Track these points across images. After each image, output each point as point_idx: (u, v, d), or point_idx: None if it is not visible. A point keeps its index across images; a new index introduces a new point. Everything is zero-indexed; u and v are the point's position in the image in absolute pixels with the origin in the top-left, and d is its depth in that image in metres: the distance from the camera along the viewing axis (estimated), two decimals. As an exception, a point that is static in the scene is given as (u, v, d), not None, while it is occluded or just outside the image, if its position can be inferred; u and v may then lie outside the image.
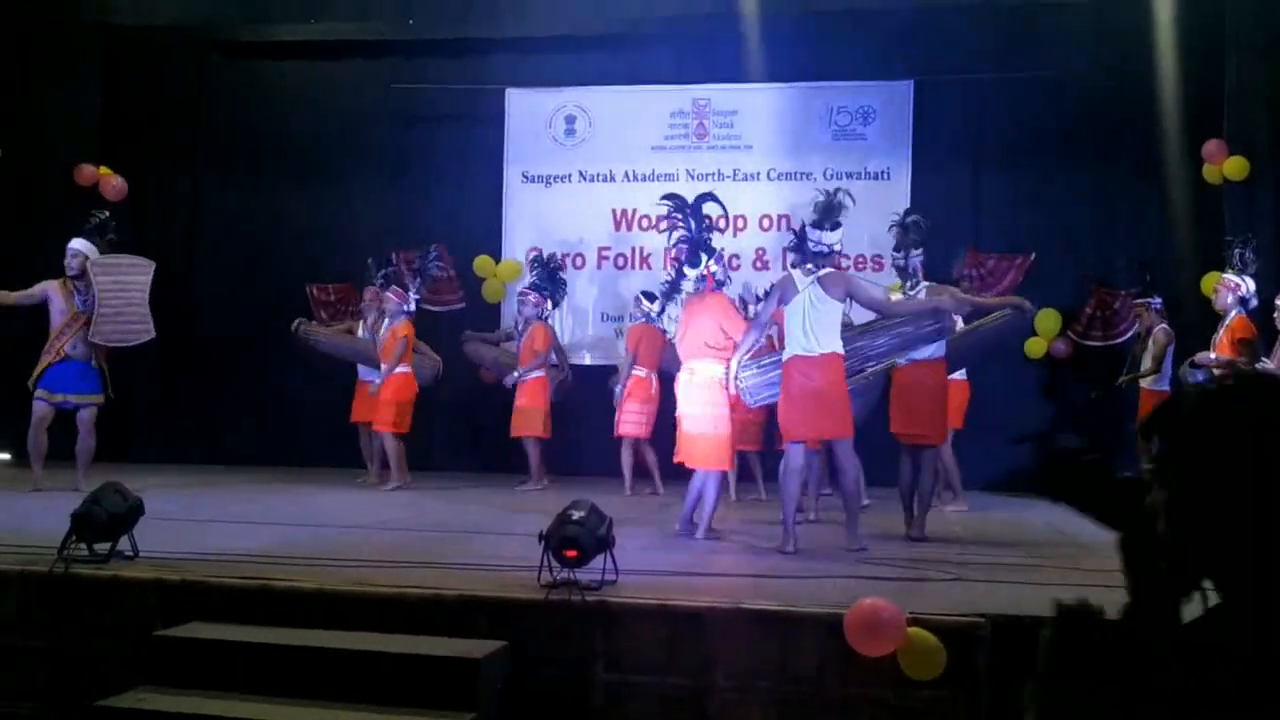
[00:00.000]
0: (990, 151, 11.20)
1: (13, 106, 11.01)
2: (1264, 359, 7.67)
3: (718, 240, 7.97)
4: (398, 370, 9.80)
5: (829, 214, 7.05)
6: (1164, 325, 9.62)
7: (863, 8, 10.34)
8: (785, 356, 6.98)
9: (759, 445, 9.59)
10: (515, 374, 10.15)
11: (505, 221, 11.94)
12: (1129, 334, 10.36)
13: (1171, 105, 9.86)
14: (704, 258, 7.51)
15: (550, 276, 10.69)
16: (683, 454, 7.50)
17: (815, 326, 6.83)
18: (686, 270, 7.60)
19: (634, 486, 9.87)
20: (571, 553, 5.32)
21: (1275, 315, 7.87)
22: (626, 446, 9.91)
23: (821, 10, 10.43)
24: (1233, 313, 8.22)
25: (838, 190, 7.18)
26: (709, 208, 7.73)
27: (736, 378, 7.21)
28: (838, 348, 6.91)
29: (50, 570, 5.59)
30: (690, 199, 7.74)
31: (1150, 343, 9.56)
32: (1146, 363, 9.52)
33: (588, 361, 11.51)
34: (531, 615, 5.24)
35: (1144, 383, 9.54)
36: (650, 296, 10.10)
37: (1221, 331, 8.24)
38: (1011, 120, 11.12)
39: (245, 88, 12.39)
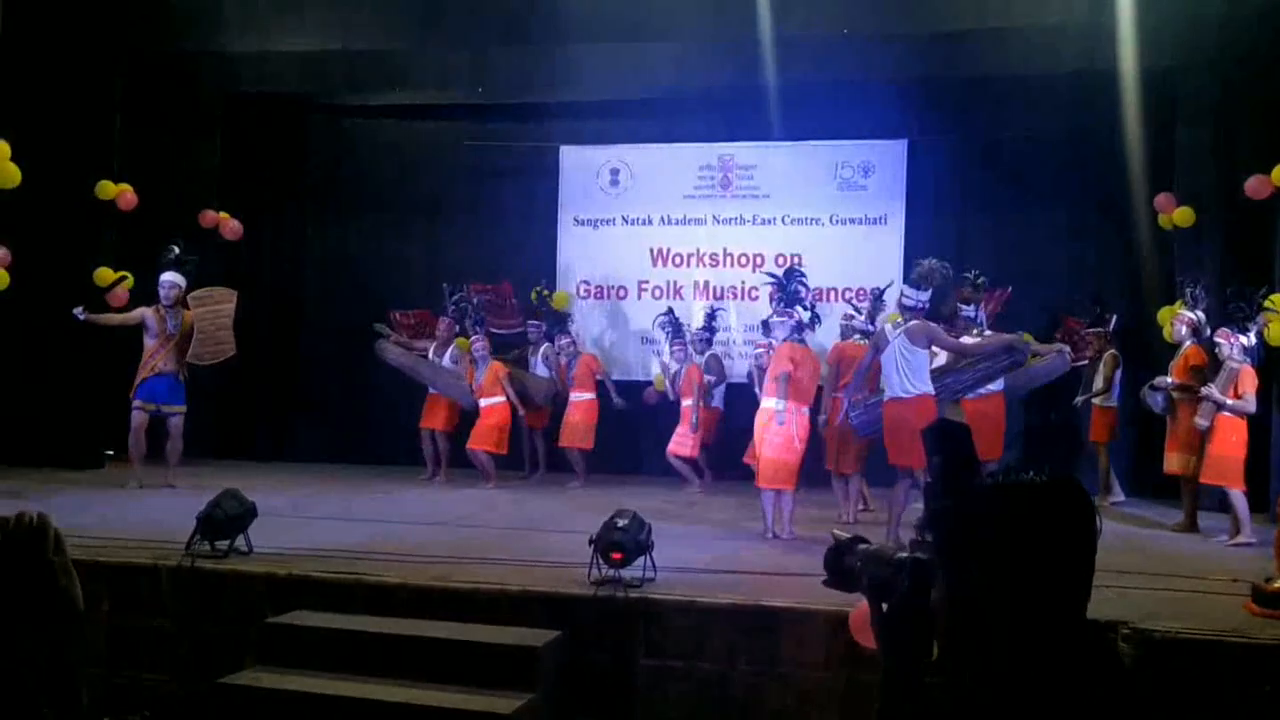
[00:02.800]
0: (974, 200, 11.07)
1: (147, 159, 11.07)
2: (1210, 385, 7.52)
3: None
4: (497, 401, 9.90)
5: (926, 279, 7.06)
6: (1113, 350, 9.52)
7: (865, 78, 10.24)
8: (885, 398, 7.02)
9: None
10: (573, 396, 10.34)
11: (559, 258, 11.90)
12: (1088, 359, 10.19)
13: (1131, 163, 9.71)
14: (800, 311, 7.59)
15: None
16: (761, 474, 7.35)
17: (907, 372, 6.88)
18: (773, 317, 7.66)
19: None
20: (617, 555, 5.32)
21: (1216, 349, 7.72)
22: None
23: (830, 79, 10.33)
24: (1187, 343, 8.09)
25: (942, 264, 7.19)
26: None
27: (848, 414, 7.40)
28: (928, 389, 6.95)
29: (178, 564, 5.64)
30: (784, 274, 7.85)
31: (1101, 366, 9.46)
32: (1098, 384, 9.42)
33: (629, 378, 11.40)
34: (583, 609, 5.24)
35: (1096, 401, 9.45)
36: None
37: (1178, 358, 8.11)
38: (993, 174, 10.99)
39: (342, 144, 12.43)
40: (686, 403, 9.78)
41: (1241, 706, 4.51)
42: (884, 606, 1.66)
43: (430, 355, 10.46)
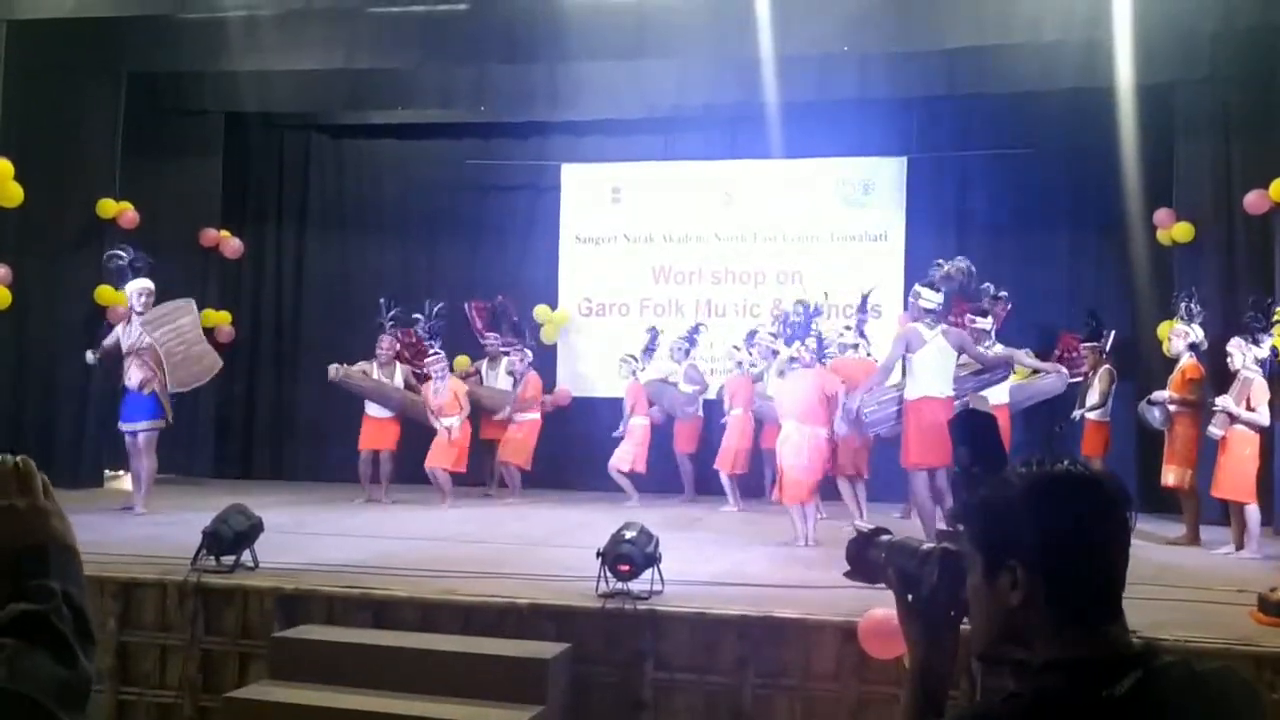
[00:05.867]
0: (973, 216, 11.13)
1: (149, 178, 11.11)
2: (1225, 395, 7.54)
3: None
4: (456, 421, 9.68)
5: (946, 280, 7.08)
6: (1108, 366, 9.53)
7: (865, 96, 10.31)
8: (912, 396, 6.95)
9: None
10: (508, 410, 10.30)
11: (561, 275, 11.94)
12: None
13: (1129, 178, 9.76)
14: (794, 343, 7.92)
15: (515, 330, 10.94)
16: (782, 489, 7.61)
17: (942, 373, 6.88)
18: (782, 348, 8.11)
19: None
20: (625, 567, 5.32)
21: (1228, 359, 7.75)
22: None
23: (830, 97, 10.41)
24: (1185, 357, 8.13)
25: (962, 266, 7.26)
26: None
27: (862, 410, 7.36)
28: (952, 391, 7.01)
29: (185, 580, 5.63)
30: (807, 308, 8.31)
31: (1096, 380, 9.46)
32: (1093, 398, 9.42)
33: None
34: (591, 621, 5.24)
35: (1091, 415, 9.43)
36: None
37: (1175, 373, 8.15)
38: (992, 190, 11.06)
39: (344, 163, 12.48)
40: (637, 420, 10.10)
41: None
42: (909, 599, 1.66)
43: (376, 375, 10.15)
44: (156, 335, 8.63)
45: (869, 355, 8.72)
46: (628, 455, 10.07)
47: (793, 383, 7.80)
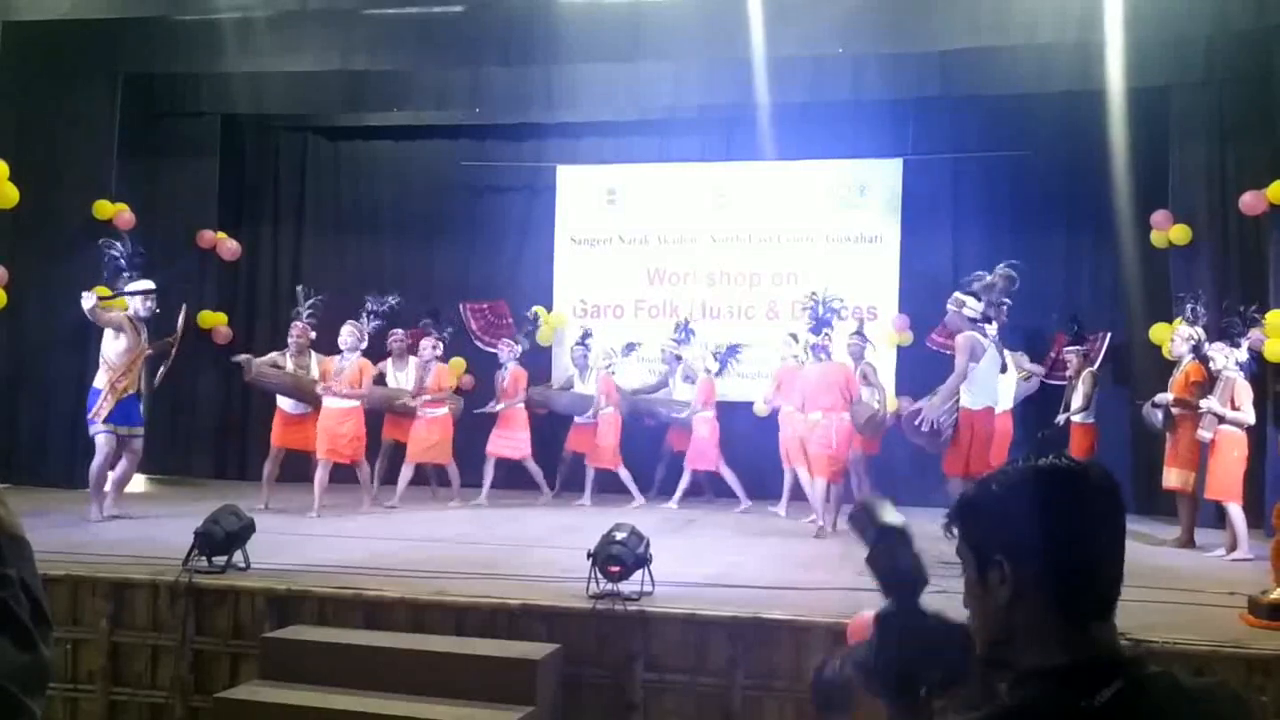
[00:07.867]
0: (969, 219, 11.10)
1: (145, 180, 11.14)
2: (1210, 398, 7.58)
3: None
4: (354, 405, 9.42)
5: (987, 290, 7.09)
6: (1091, 369, 9.54)
7: (860, 98, 10.32)
8: (976, 406, 6.88)
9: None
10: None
11: (556, 277, 11.95)
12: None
13: (1125, 181, 9.76)
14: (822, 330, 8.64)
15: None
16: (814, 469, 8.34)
17: (994, 383, 6.95)
18: (807, 336, 8.80)
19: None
20: (615, 569, 5.34)
21: (1210, 362, 7.78)
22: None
23: (825, 99, 10.41)
24: (1187, 359, 8.12)
25: (1004, 273, 7.27)
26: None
27: (938, 421, 7.28)
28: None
29: (176, 580, 5.64)
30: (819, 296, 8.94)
31: (1079, 384, 9.46)
32: (1077, 401, 9.42)
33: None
34: (581, 622, 5.26)
35: (1075, 418, 9.43)
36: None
37: (1178, 374, 8.13)
38: (988, 192, 11.06)
39: (341, 164, 12.48)
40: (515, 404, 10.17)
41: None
42: (870, 684, 1.63)
43: (292, 368, 9.80)
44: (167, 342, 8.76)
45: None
46: (525, 442, 10.19)
47: (816, 373, 8.34)
